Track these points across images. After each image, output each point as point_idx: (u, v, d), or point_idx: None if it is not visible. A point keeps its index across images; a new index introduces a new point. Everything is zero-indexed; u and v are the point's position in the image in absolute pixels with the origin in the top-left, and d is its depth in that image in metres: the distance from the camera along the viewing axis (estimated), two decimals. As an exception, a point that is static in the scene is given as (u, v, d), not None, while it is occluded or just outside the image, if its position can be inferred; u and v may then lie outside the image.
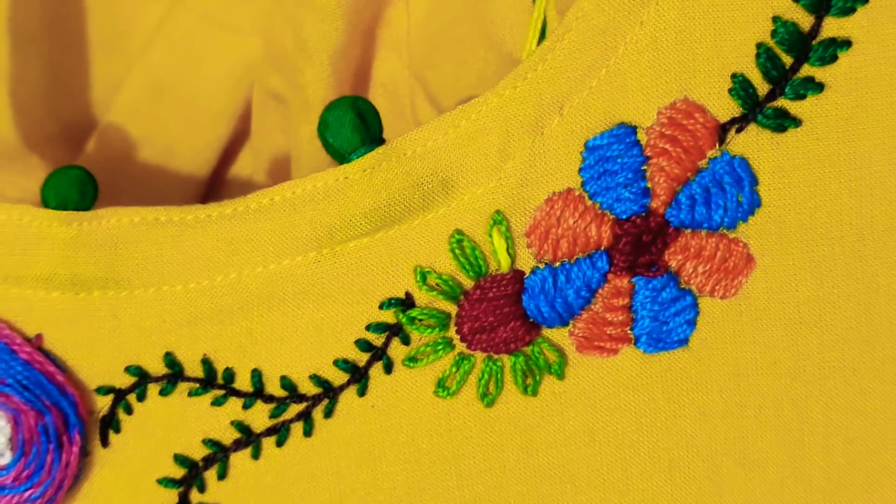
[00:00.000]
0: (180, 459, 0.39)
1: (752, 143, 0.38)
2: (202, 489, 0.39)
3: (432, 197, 0.37)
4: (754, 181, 0.38)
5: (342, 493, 0.40)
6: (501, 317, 0.38)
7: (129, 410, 0.39)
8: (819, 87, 0.37)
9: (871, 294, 0.39)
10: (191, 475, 0.39)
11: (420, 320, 0.38)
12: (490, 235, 0.38)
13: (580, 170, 0.37)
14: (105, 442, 0.39)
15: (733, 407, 0.40)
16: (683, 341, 0.39)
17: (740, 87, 0.37)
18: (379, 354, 0.38)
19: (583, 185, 0.37)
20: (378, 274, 0.38)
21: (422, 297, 0.38)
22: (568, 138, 0.37)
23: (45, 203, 0.38)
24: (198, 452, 0.39)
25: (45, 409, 0.38)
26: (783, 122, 0.38)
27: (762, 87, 0.37)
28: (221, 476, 0.39)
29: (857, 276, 0.39)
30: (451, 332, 0.38)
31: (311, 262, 0.37)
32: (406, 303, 0.38)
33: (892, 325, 0.39)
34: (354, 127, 0.37)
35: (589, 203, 0.38)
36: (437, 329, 0.38)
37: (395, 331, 0.38)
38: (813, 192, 0.38)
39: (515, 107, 0.37)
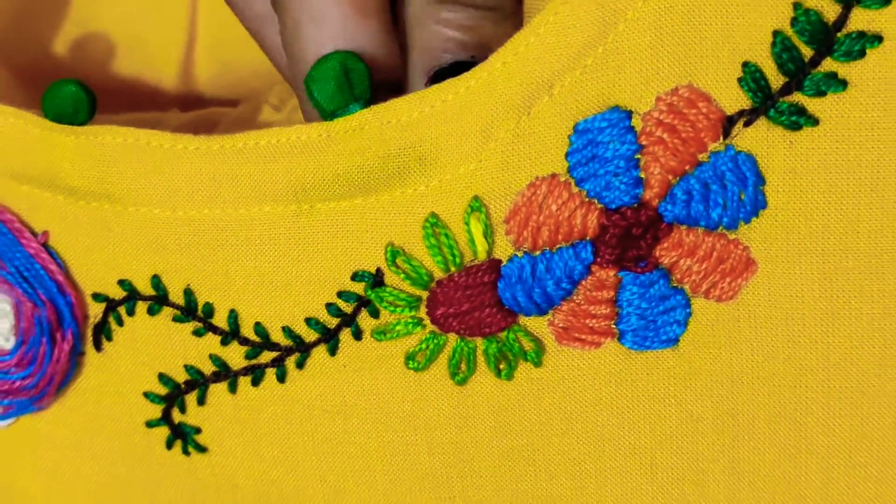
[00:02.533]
0: (164, 379, 0.39)
1: (761, 139, 0.34)
2: (183, 410, 0.40)
3: (408, 171, 0.35)
4: (760, 181, 0.35)
5: (315, 439, 0.39)
6: (475, 304, 0.36)
7: (119, 322, 0.39)
8: (842, 84, 0.34)
9: (885, 316, 0.36)
10: (173, 395, 0.40)
11: (389, 301, 0.36)
12: (467, 223, 0.35)
13: (567, 154, 0.35)
14: (98, 346, 0.39)
15: (725, 415, 0.37)
16: (673, 341, 0.36)
17: (751, 77, 0.34)
18: (348, 321, 0.37)
19: (569, 170, 0.35)
20: (352, 242, 0.36)
21: (391, 277, 0.36)
22: (556, 120, 0.35)
23: (46, 116, 0.38)
24: (180, 376, 0.39)
25: (42, 303, 0.39)
26: (798, 119, 0.34)
27: (776, 80, 0.34)
28: (200, 402, 0.39)
29: (870, 295, 0.35)
30: (422, 312, 0.37)
31: (290, 214, 0.36)
32: (376, 280, 0.36)
33: None
34: (339, 85, 0.35)
35: (575, 190, 0.35)
36: (406, 310, 0.36)
37: (364, 303, 0.37)
38: (827, 198, 0.35)
39: (503, 84, 0.34)
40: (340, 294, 0.37)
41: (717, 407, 0.37)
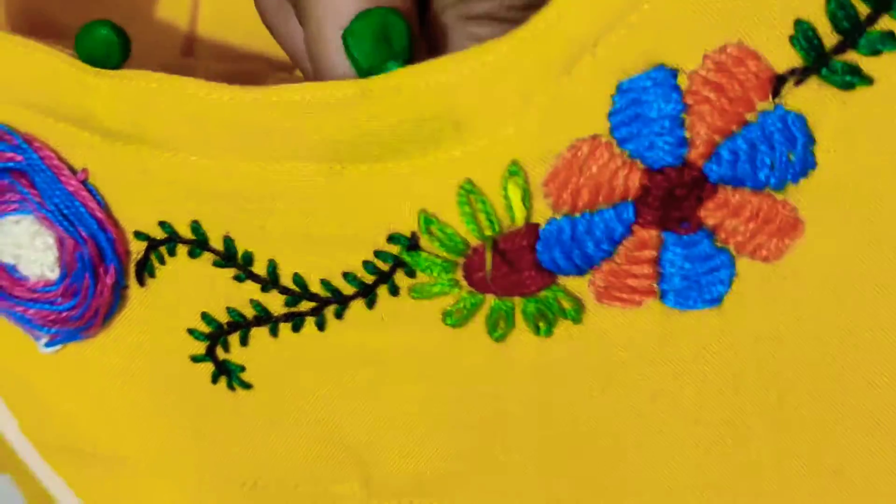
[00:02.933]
0: (207, 318, 0.39)
1: (812, 98, 0.33)
2: (227, 349, 0.40)
3: (443, 136, 0.34)
4: (810, 141, 0.33)
5: (348, 388, 0.39)
6: (513, 268, 0.35)
7: (161, 260, 0.39)
8: None
9: None
10: (216, 334, 0.39)
11: (425, 265, 0.36)
12: (505, 188, 0.34)
13: (609, 114, 0.34)
14: (141, 281, 0.39)
15: (769, 373, 0.37)
16: (716, 300, 0.36)
17: (804, 35, 0.32)
18: (385, 279, 0.37)
19: (611, 130, 0.34)
20: (385, 205, 0.35)
21: (426, 243, 0.35)
22: (599, 79, 0.33)
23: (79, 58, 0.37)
24: (222, 316, 0.39)
25: (83, 240, 0.38)
26: (852, 78, 0.33)
27: (830, 38, 0.32)
28: (243, 343, 0.39)
29: None
30: (459, 275, 0.36)
31: (323, 172, 0.35)
32: (411, 243, 0.36)
33: None
34: (377, 42, 0.34)
35: (617, 151, 0.34)
36: (442, 272, 0.36)
37: (400, 263, 0.36)
38: (881, 161, 0.34)
39: (545, 44, 0.33)
40: (377, 253, 0.36)
41: (761, 366, 0.36)
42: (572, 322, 0.36)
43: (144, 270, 0.39)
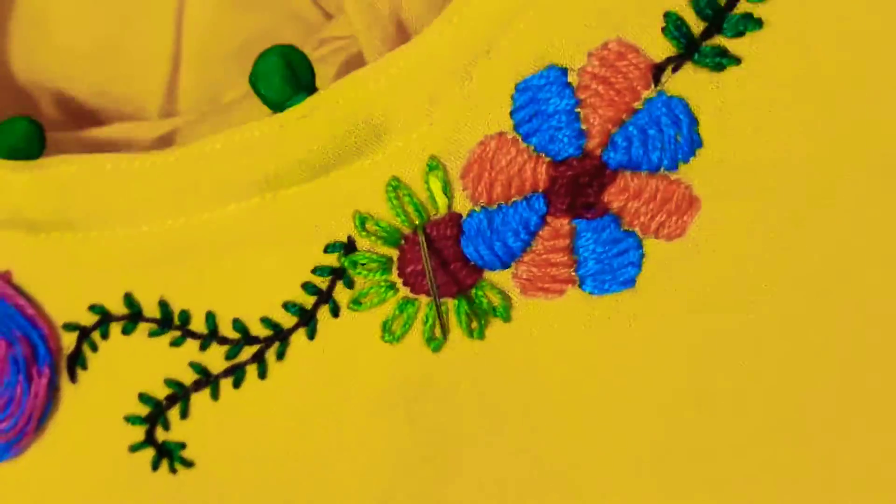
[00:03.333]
0: (144, 398, 0.41)
1: (689, 82, 0.37)
2: (166, 427, 0.41)
3: (365, 144, 0.38)
4: (693, 121, 0.37)
5: (299, 433, 0.41)
6: (442, 260, 0.39)
7: (94, 348, 0.41)
8: (758, 23, 0.36)
9: (822, 240, 0.38)
10: (155, 413, 0.41)
11: (362, 264, 0.39)
12: (426, 181, 0.38)
13: (511, 112, 0.38)
14: (73, 377, 0.41)
15: (686, 344, 0.39)
16: (630, 282, 0.39)
17: (673, 25, 0.37)
18: (325, 297, 0.39)
19: (515, 127, 0.38)
20: (320, 218, 0.39)
21: (363, 242, 0.39)
22: (497, 81, 0.37)
23: None
24: (160, 391, 0.41)
25: (15, 339, 0.40)
26: (721, 60, 0.37)
27: (697, 26, 0.37)
28: (183, 415, 0.41)
29: (807, 219, 0.38)
30: (394, 275, 0.39)
31: (255, 207, 0.39)
32: (348, 247, 0.39)
33: (855, 291, 0.38)
34: (285, 77, 0.38)
35: (522, 146, 0.38)
36: (379, 272, 0.39)
37: (338, 274, 0.39)
38: (756, 134, 0.37)
39: (443, 52, 0.37)
40: (315, 270, 0.39)
41: (679, 338, 0.39)
42: (502, 320, 0.39)
43: (76, 363, 0.41)
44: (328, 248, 0.39)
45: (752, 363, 0.39)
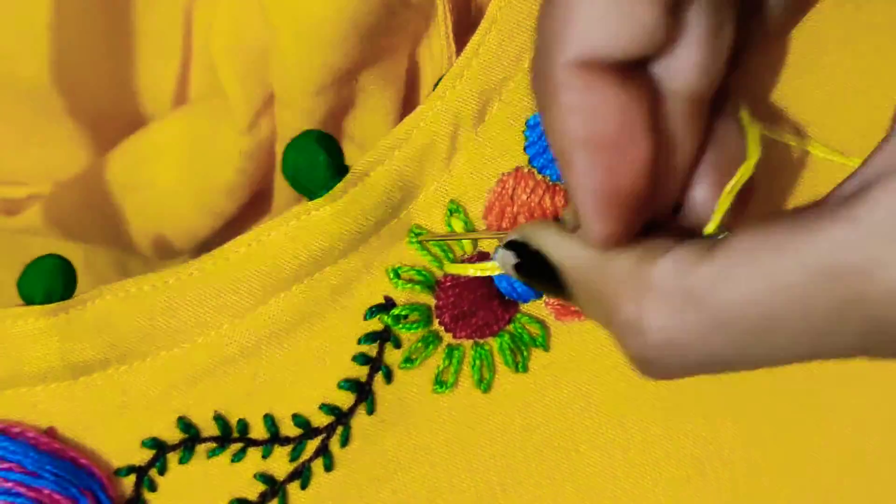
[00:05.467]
0: None
1: None
2: None
3: (397, 206, 0.39)
4: None
5: None
6: (477, 300, 0.40)
7: (152, 487, 0.39)
8: None
9: None
10: None
11: (404, 317, 0.40)
12: (449, 225, 0.39)
13: (525, 147, 0.39)
14: None
15: None
16: None
17: None
18: (377, 365, 0.40)
19: (530, 161, 0.40)
20: (357, 287, 0.40)
21: (400, 296, 0.40)
22: (509, 120, 0.39)
23: (29, 298, 0.38)
24: None
25: (81, 494, 0.38)
26: None
27: None
28: None
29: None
30: (435, 324, 0.40)
31: (297, 293, 0.39)
32: (387, 306, 0.40)
33: None
34: (325, 164, 0.39)
35: (539, 177, 0.40)
36: (421, 323, 0.40)
37: (385, 336, 0.40)
38: None
39: (458, 105, 0.39)
40: (360, 339, 0.40)
41: None
42: (543, 350, 0.41)
43: None
44: (368, 314, 0.40)
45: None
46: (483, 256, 0.40)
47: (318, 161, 0.39)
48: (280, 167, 0.41)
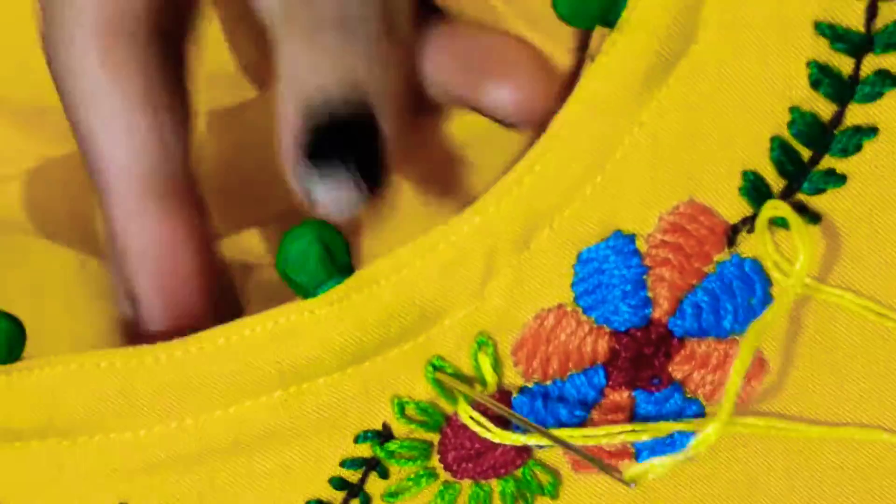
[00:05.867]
0: None
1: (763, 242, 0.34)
2: None
3: (411, 328, 0.33)
4: (767, 283, 0.34)
5: None
6: (488, 442, 0.34)
7: None
8: (841, 179, 0.33)
9: (882, 376, 0.35)
10: None
11: (399, 453, 0.34)
12: (474, 358, 0.34)
13: (573, 284, 0.33)
14: None
15: None
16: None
17: (752, 185, 0.33)
18: (355, 491, 0.35)
19: (575, 299, 0.33)
20: (351, 407, 0.34)
21: (400, 428, 0.34)
22: (559, 251, 0.33)
23: None
24: None
25: None
26: (801, 218, 0.33)
27: (777, 183, 0.33)
28: None
29: (863, 369, 0.35)
30: (434, 460, 0.35)
31: (277, 402, 0.33)
32: (383, 435, 0.34)
33: None
34: (321, 260, 0.32)
35: (583, 318, 0.34)
36: (418, 461, 0.34)
37: (372, 465, 0.34)
38: (836, 291, 0.34)
39: (500, 224, 0.32)
40: (343, 463, 0.34)
41: None
42: (550, 498, 0.36)
43: None
44: (359, 438, 0.34)
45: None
46: (505, 394, 0.34)
47: (311, 255, 0.32)
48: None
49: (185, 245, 0.34)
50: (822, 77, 0.32)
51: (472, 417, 0.34)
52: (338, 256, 0.32)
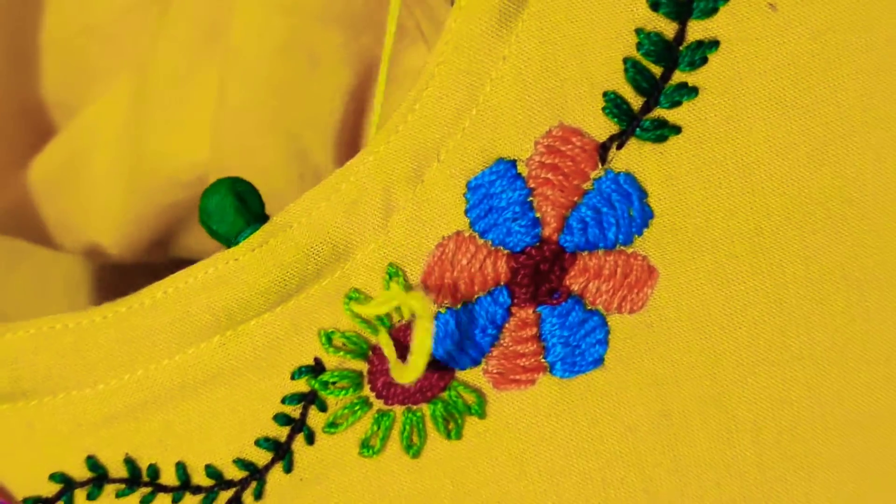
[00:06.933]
0: None
1: (634, 157, 0.38)
2: None
3: (324, 264, 0.37)
4: (643, 194, 0.38)
5: None
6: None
7: None
8: (693, 91, 0.37)
9: (778, 286, 0.39)
10: None
11: (333, 383, 0.38)
12: (387, 289, 0.37)
13: (466, 211, 0.37)
14: None
15: (658, 417, 0.40)
16: (598, 361, 0.39)
17: (613, 104, 0.37)
18: (298, 426, 0.38)
19: (471, 224, 0.37)
20: (284, 345, 0.38)
21: (331, 360, 0.38)
22: (449, 182, 0.37)
23: None
24: None
25: None
26: (662, 132, 0.37)
27: (636, 101, 0.37)
28: None
29: (761, 271, 0.39)
30: (366, 389, 0.38)
31: (216, 346, 0.37)
32: (316, 369, 0.38)
33: (804, 313, 0.39)
34: (237, 210, 0.37)
35: (480, 242, 0.37)
36: (351, 389, 0.38)
37: (310, 399, 0.38)
38: (705, 195, 0.38)
39: (392, 161, 0.37)
40: (284, 399, 0.38)
41: (650, 412, 0.40)
42: (478, 417, 0.39)
43: None
44: (296, 374, 0.38)
45: (725, 429, 0.40)
46: None
47: (228, 206, 0.37)
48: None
49: None
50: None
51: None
52: (252, 206, 0.37)
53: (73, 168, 0.51)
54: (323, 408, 0.38)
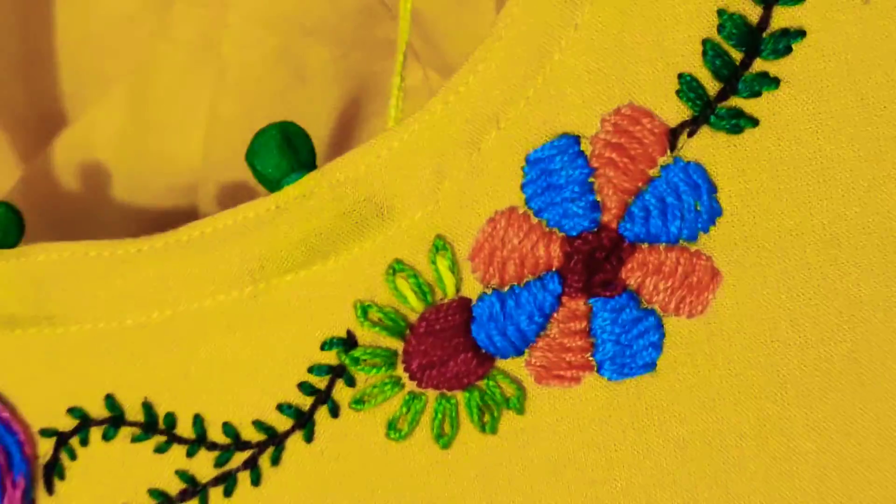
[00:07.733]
0: None
1: (706, 147, 0.35)
2: None
3: (366, 224, 0.35)
4: (712, 188, 0.35)
5: None
6: (451, 349, 0.36)
7: (72, 455, 0.37)
8: (774, 82, 0.35)
9: (852, 304, 0.36)
10: None
11: (364, 360, 0.36)
12: (433, 262, 0.35)
13: (522, 186, 0.35)
14: (50, 489, 0.37)
15: (711, 436, 0.37)
16: (650, 366, 0.36)
17: (688, 87, 0.35)
18: (323, 398, 0.36)
19: (527, 201, 0.35)
20: (317, 311, 0.36)
21: (365, 335, 0.36)
22: (507, 153, 0.35)
23: None
24: (145, 503, 0.37)
25: None
26: (738, 122, 0.35)
27: (712, 87, 0.35)
28: None
29: (835, 286, 0.36)
30: (399, 370, 0.36)
31: (248, 297, 0.36)
32: (348, 342, 0.36)
33: (880, 339, 0.36)
34: (282, 152, 0.36)
35: (534, 221, 0.35)
36: (383, 368, 0.36)
37: (338, 372, 0.36)
38: (779, 196, 0.35)
39: (449, 123, 0.35)
40: (311, 369, 0.36)
41: (703, 429, 0.37)
42: (516, 412, 0.36)
43: (53, 473, 0.38)
44: (326, 345, 0.36)
45: (784, 458, 0.37)
46: (465, 301, 0.36)
47: (273, 145, 0.35)
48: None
49: None
50: (746, -20, 0.35)
51: None
52: (301, 152, 0.35)
53: (71, 172, 0.51)
54: (351, 383, 0.36)
